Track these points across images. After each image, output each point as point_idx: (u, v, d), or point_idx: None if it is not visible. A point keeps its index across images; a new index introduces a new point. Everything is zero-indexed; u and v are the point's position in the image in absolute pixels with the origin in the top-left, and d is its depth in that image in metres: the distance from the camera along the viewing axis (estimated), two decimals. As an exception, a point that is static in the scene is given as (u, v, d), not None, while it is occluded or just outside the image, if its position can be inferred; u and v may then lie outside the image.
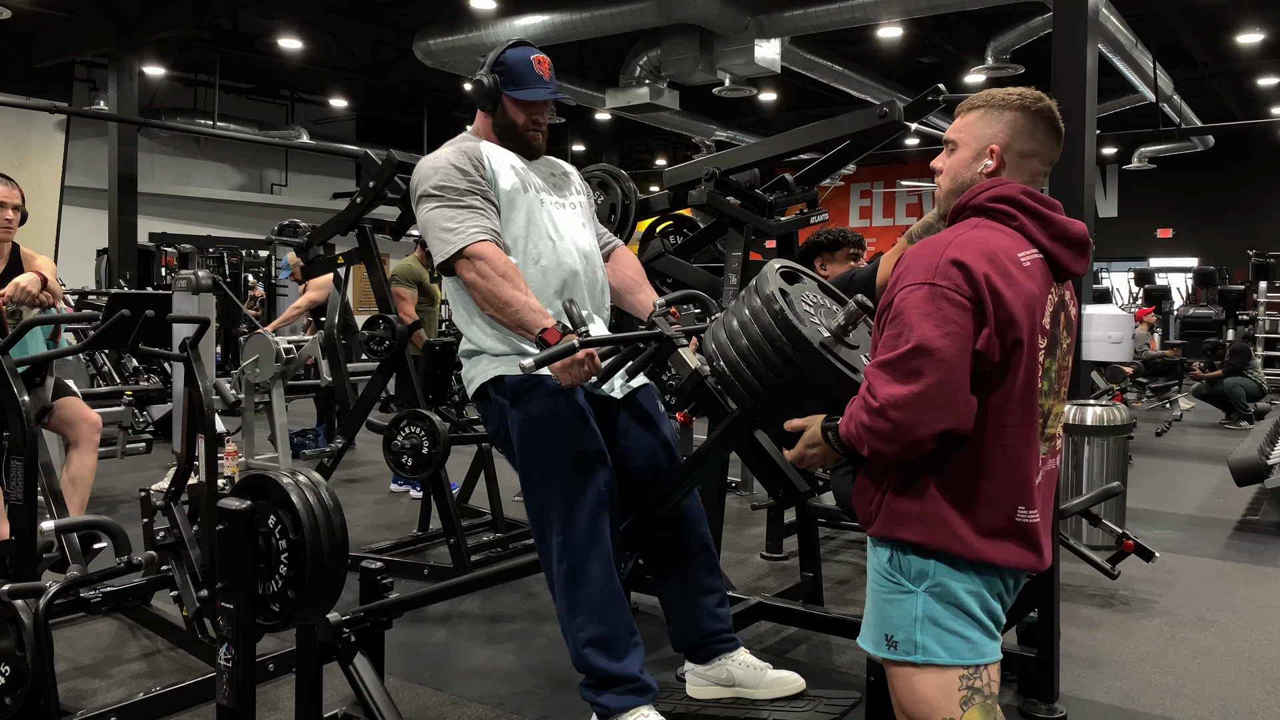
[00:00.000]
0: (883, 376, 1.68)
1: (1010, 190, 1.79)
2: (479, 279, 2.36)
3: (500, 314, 2.36)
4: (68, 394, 4.01)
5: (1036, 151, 1.85)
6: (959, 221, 1.83)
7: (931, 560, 1.74)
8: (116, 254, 12.23)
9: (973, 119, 1.87)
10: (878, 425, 1.68)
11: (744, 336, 1.98)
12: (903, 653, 1.75)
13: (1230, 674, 3.44)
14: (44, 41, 12.83)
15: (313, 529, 2.17)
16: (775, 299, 1.93)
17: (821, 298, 2.15)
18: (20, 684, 2.42)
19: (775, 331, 1.91)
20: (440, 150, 2.57)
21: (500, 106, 2.61)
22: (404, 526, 5.41)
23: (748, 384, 1.98)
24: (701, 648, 2.64)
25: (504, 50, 2.62)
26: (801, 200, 4.01)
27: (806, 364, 1.88)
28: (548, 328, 2.27)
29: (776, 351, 1.91)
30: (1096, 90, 7.39)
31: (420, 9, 12.14)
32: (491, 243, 2.41)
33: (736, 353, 1.99)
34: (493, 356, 2.53)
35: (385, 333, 4.64)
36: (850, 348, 1.97)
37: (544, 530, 2.43)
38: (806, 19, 10.13)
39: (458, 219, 2.42)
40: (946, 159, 1.91)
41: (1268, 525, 5.82)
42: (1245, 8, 11.59)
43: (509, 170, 2.56)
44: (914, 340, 1.65)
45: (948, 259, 1.68)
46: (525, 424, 2.45)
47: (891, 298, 1.73)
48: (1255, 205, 18.52)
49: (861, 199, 23.17)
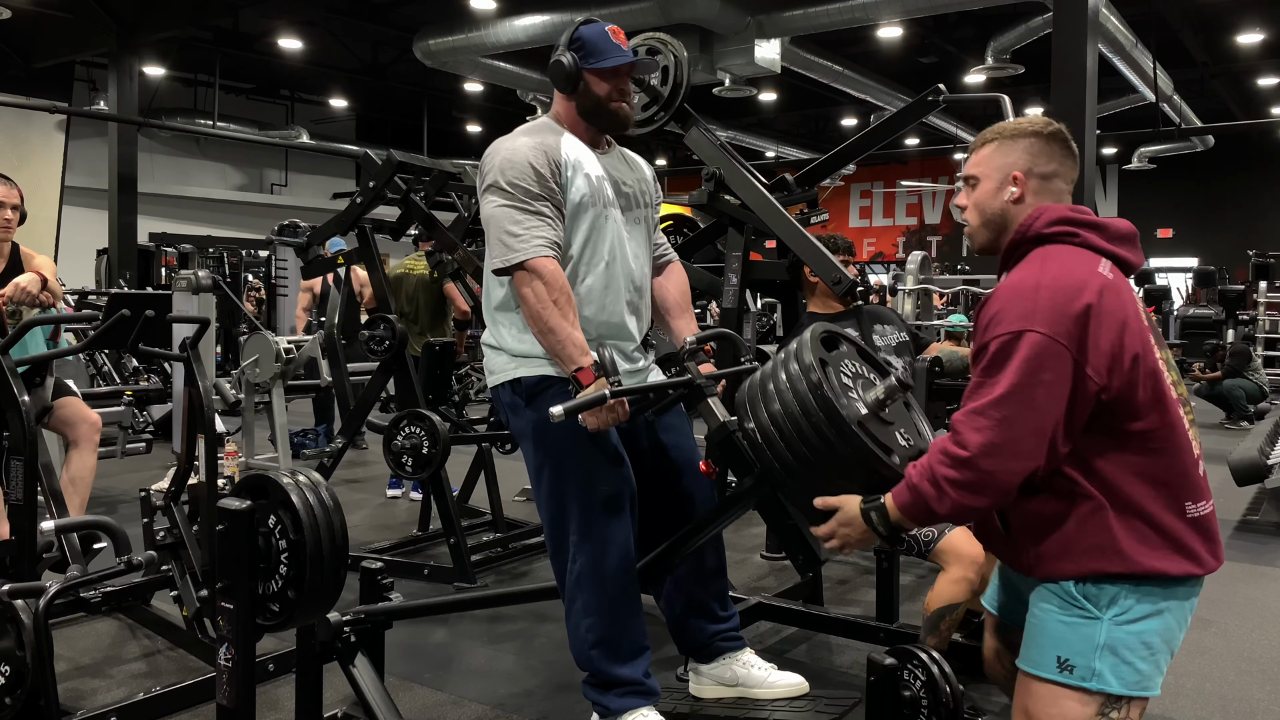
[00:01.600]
0: (973, 424, 1.69)
1: (1060, 211, 1.83)
2: (532, 296, 2.32)
3: (542, 336, 2.34)
4: (68, 394, 4.00)
5: (1057, 172, 1.90)
6: (1021, 256, 1.85)
7: (1123, 586, 1.73)
8: (116, 254, 12.23)
9: (988, 152, 1.92)
10: (967, 476, 1.69)
11: (778, 401, 1.94)
12: (1078, 678, 1.74)
13: (1230, 674, 3.44)
14: (44, 41, 12.83)
15: (313, 529, 2.17)
16: (814, 369, 1.90)
17: (861, 366, 2.10)
18: (20, 684, 2.42)
19: (811, 405, 1.88)
20: (520, 139, 2.46)
21: (582, 84, 2.50)
22: (404, 526, 5.40)
23: (777, 451, 1.94)
24: (707, 647, 2.64)
25: (576, 28, 2.53)
26: (801, 200, 4.01)
27: (841, 443, 1.86)
28: (583, 367, 2.27)
29: (811, 426, 1.88)
30: (1096, 90, 7.39)
31: (420, 9, 12.14)
32: (553, 259, 2.35)
33: (769, 416, 1.95)
34: (511, 355, 2.51)
35: (385, 333, 4.64)
36: (885, 424, 1.95)
37: (559, 527, 2.42)
38: (806, 19, 10.13)
39: (525, 224, 2.35)
40: (969, 195, 1.95)
41: (1268, 525, 5.82)
42: (1245, 8, 11.59)
43: (584, 178, 2.47)
44: (1005, 387, 1.67)
45: (1049, 301, 1.69)
46: (541, 424, 2.43)
47: (985, 342, 1.73)
48: (1255, 205, 18.53)
49: (861, 199, 23.17)
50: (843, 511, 1.87)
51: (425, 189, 4.74)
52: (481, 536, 4.95)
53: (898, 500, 1.80)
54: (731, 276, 3.79)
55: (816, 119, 18.89)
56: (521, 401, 2.48)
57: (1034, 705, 1.80)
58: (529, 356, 2.47)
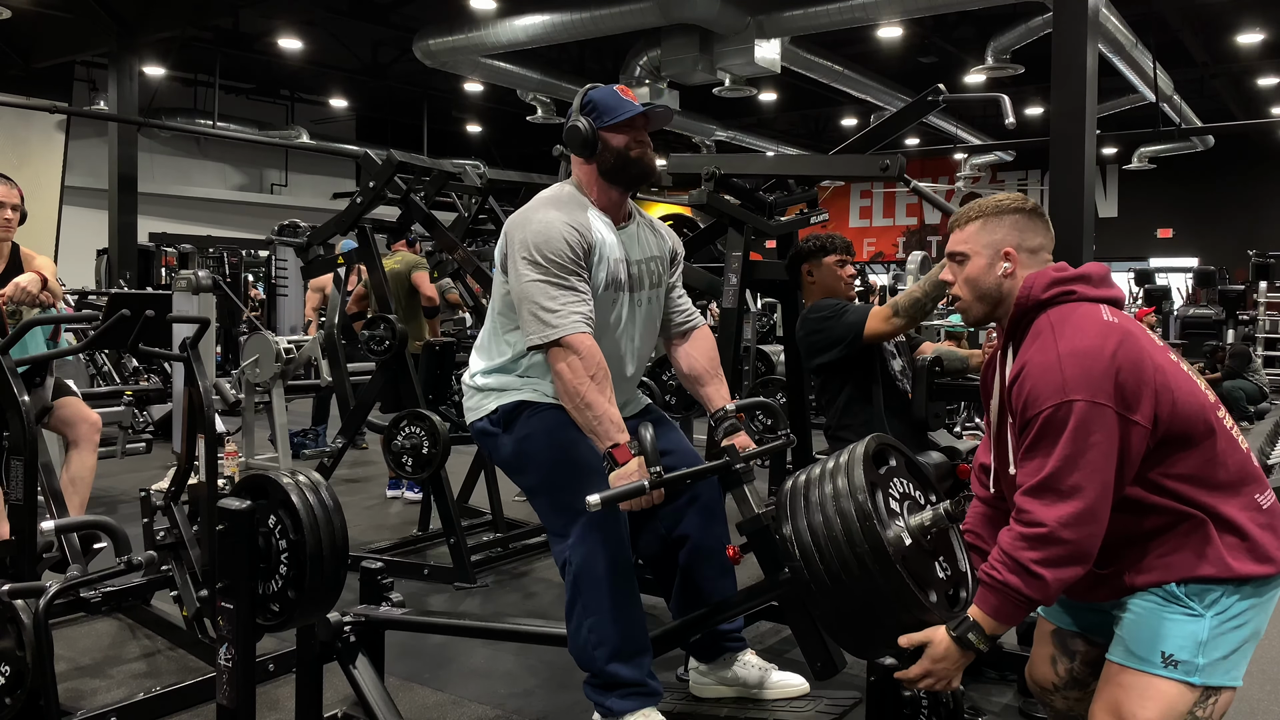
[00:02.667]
0: (1041, 500, 1.75)
1: (1048, 274, 1.93)
2: (568, 372, 2.32)
3: (578, 412, 2.33)
4: (67, 394, 4.00)
5: (1043, 245, 2.00)
6: (1029, 325, 1.92)
7: (1225, 587, 1.80)
8: (116, 254, 12.22)
9: (973, 230, 2.01)
10: (1055, 552, 1.73)
11: (821, 515, 1.90)
12: (1182, 673, 1.79)
13: (1230, 674, 3.44)
14: (44, 41, 12.82)
15: (313, 529, 2.17)
16: (863, 491, 1.87)
17: (909, 485, 2.05)
18: (20, 684, 2.42)
19: (857, 533, 1.84)
20: (551, 213, 2.45)
21: (600, 144, 2.50)
22: (404, 526, 5.40)
23: (813, 568, 1.90)
24: (709, 647, 2.64)
25: (585, 94, 2.55)
26: (801, 200, 4.02)
27: (881, 577, 1.83)
28: (619, 444, 2.27)
29: (854, 555, 1.84)
30: (1096, 90, 7.38)
31: (420, 9, 12.14)
32: (589, 335, 2.35)
33: (809, 528, 1.91)
34: (485, 391, 2.55)
35: (385, 333, 4.64)
36: (926, 555, 1.92)
37: (559, 534, 2.44)
38: (806, 19, 10.13)
39: (560, 300, 2.35)
40: (958, 271, 2.02)
41: (1268, 525, 5.82)
42: (1245, 8, 11.59)
43: (605, 261, 2.48)
44: (1061, 458, 1.74)
45: (1076, 369, 1.77)
46: (521, 444, 2.48)
47: (1028, 420, 1.80)
48: (1255, 205, 18.52)
49: (861, 199, 23.17)
50: (932, 647, 1.84)
51: (425, 189, 4.74)
52: (481, 536, 4.95)
53: (987, 608, 1.80)
54: (731, 276, 3.79)
55: (816, 119, 18.89)
56: (499, 429, 2.51)
57: (1128, 698, 1.83)
58: (502, 389, 2.52)
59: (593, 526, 2.35)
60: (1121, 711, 1.83)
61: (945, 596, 1.93)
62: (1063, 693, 2.13)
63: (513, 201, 5.08)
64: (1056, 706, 2.16)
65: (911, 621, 1.87)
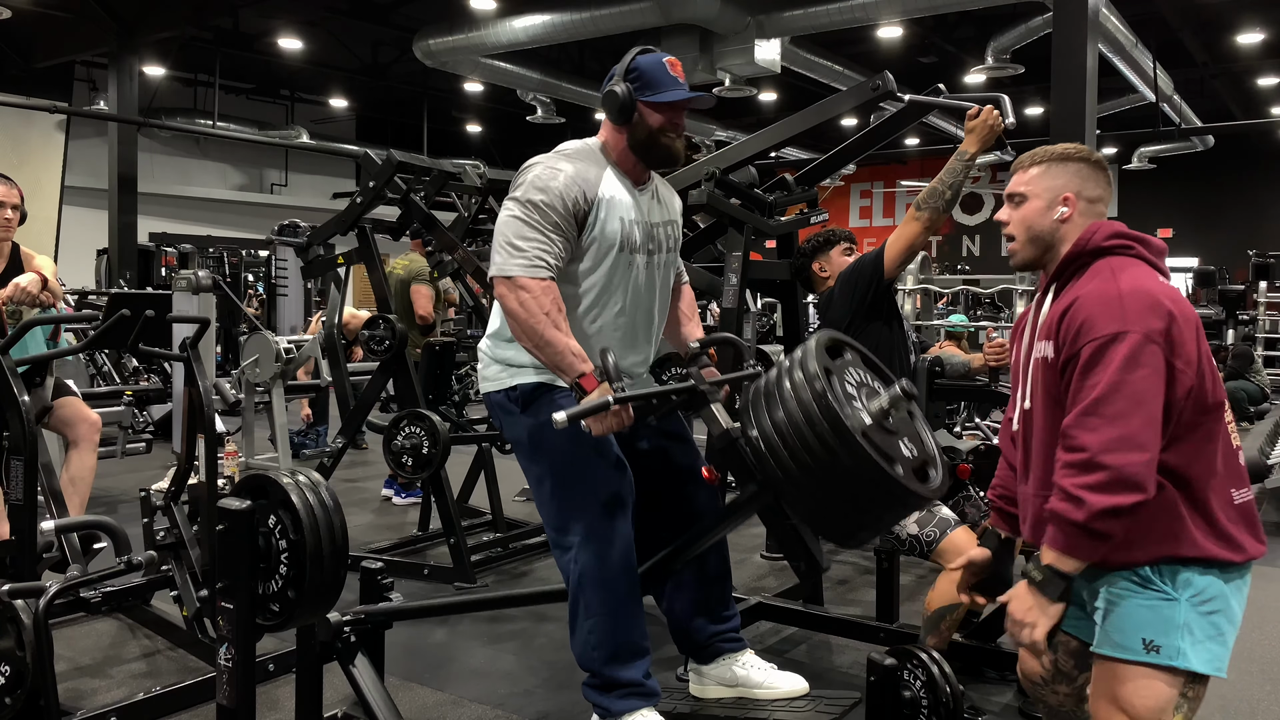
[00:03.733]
0: (1084, 426, 1.76)
1: (1115, 226, 1.94)
2: (522, 310, 2.29)
3: (538, 350, 2.31)
4: (67, 394, 4.00)
5: (1102, 198, 2.01)
6: (1081, 269, 1.93)
7: (1194, 570, 1.82)
8: (116, 254, 12.23)
9: (1037, 173, 2.02)
10: (1097, 477, 1.73)
11: (782, 410, 1.94)
12: (1165, 657, 1.81)
13: (1230, 674, 3.41)
14: (44, 41, 12.82)
15: (313, 529, 2.17)
16: (818, 377, 1.90)
17: (865, 375, 2.08)
18: (20, 684, 2.42)
19: (815, 414, 1.88)
20: (561, 163, 2.42)
21: (637, 116, 2.45)
22: (404, 526, 5.41)
23: (780, 460, 1.93)
24: (707, 647, 2.64)
25: (634, 57, 2.48)
26: (801, 200, 4.02)
27: (844, 452, 1.86)
28: (585, 373, 2.25)
29: (815, 435, 1.87)
30: (1096, 90, 7.38)
31: (420, 9, 12.14)
32: (549, 281, 2.32)
33: (772, 424, 1.95)
34: (506, 365, 2.52)
35: (385, 333, 4.63)
36: (889, 434, 1.94)
37: (561, 531, 2.43)
38: (806, 19, 10.13)
39: (529, 241, 2.33)
40: (1013, 211, 2.04)
41: (1268, 525, 5.82)
42: (1245, 8, 11.58)
43: (617, 220, 2.44)
44: (1106, 385, 1.75)
45: (1136, 305, 1.79)
46: (536, 430, 2.44)
47: (1077, 350, 1.81)
48: (1255, 205, 18.52)
49: (861, 199, 23.17)
50: (1016, 602, 1.85)
51: (425, 189, 4.74)
52: (481, 536, 4.95)
53: (1049, 543, 1.80)
54: (731, 276, 3.79)
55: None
56: (517, 409, 2.48)
57: (1121, 689, 1.85)
58: (524, 366, 2.48)
59: (599, 527, 2.35)
60: (1120, 703, 1.85)
61: (913, 472, 1.95)
62: (1051, 686, 2.14)
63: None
64: (1050, 702, 2.17)
65: (886, 499, 1.89)
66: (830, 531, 2.05)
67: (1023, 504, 2.05)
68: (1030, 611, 1.82)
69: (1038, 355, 1.95)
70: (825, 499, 1.92)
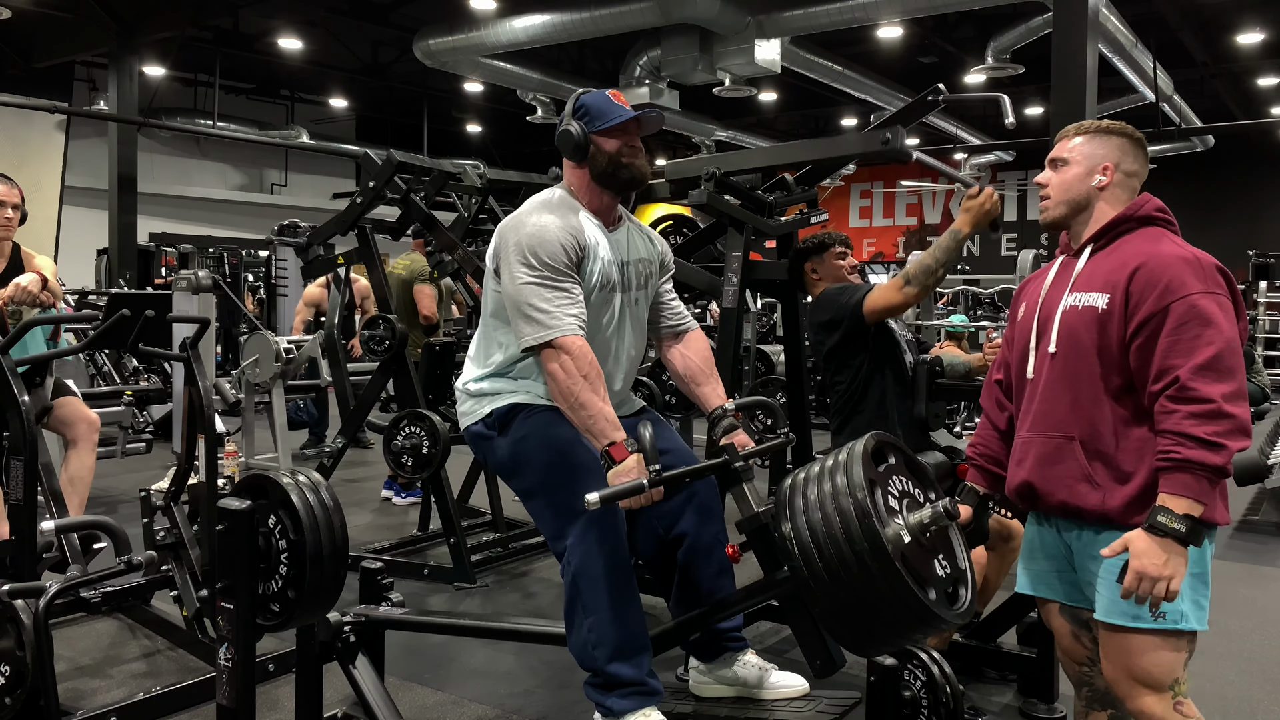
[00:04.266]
0: (1204, 379, 1.83)
1: (1159, 201, 2.08)
2: (561, 373, 2.33)
3: (573, 413, 2.34)
4: (66, 394, 4.00)
5: (1137, 172, 2.12)
6: (1125, 233, 2.05)
7: None
8: (116, 254, 12.23)
9: (1080, 142, 2.13)
10: (1226, 425, 1.81)
11: (820, 513, 1.91)
12: (1170, 622, 1.90)
13: (1230, 674, 3.44)
14: (44, 41, 12.82)
15: (313, 529, 2.17)
16: (862, 489, 1.87)
17: (908, 483, 2.06)
18: (20, 684, 2.42)
19: (856, 530, 1.85)
20: (545, 216, 2.47)
21: (592, 149, 2.52)
22: (404, 526, 5.41)
23: (811, 565, 1.91)
24: (708, 646, 2.64)
25: (578, 98, 2.56)
26: (801, 200, 4.01)
27: (880, 575, 1.84)
28: (616, 442, 2.27)
29: (854, 553, 1.85)
30: (1096, 90, 7.39)
31: (420, 9, 12.14)
32: (582, 337, 2.36)
33: (808, 526, 1.92)
34: (478, 398, 2.56)
35: (385, 333, 4.63)
36: (926, 552, 1.93)
37: (557, 536, 2.43)
38: (806, 19, 10.13)
39: (554, 302, 2.36)
40: (1053, 174, 2.15)
41: (1268, 525, 5.82)
42: (1245, 8, 11.59)
43: (600, 262, 2.50)
44: (1221, 341, 1.85)
45: (1212, 267, 1.93)
46: (515, 446, 2.48)
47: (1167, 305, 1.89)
48: (1255, 205, 18.52)
49: (861, 199, 23.17)
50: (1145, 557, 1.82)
51: (425, 189, 4.74)
52: (481, 536, 4.95)
53: (1183, 490, 1.82)
54: (731, 276, 3.79)
55: (816, 119, 18.88)
56: (494, 432, 2.52)
57: (1135, 659, 1.94)
58: (496, 393, 2.52)
59: (591, 526, 2.35)
60: (1137, 675, 1.93)
61: (945, 594, 1.93)
62: (1099, 666, 2.13)
63: (512, 201, 5.07)
64: (1099, 686, 2.16)
65: (912, 621, 1.88)
66: (849, 640, 2.03)
67: (1020, 448, 2.13)
68: (1168, 563, 1.81)
69: (1079, 303, 2.02)
70: (850, 612, 1.90)
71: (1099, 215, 2.09)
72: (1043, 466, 2.05)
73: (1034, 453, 2.07)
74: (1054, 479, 2.03)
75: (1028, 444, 2.10)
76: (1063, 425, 2.02)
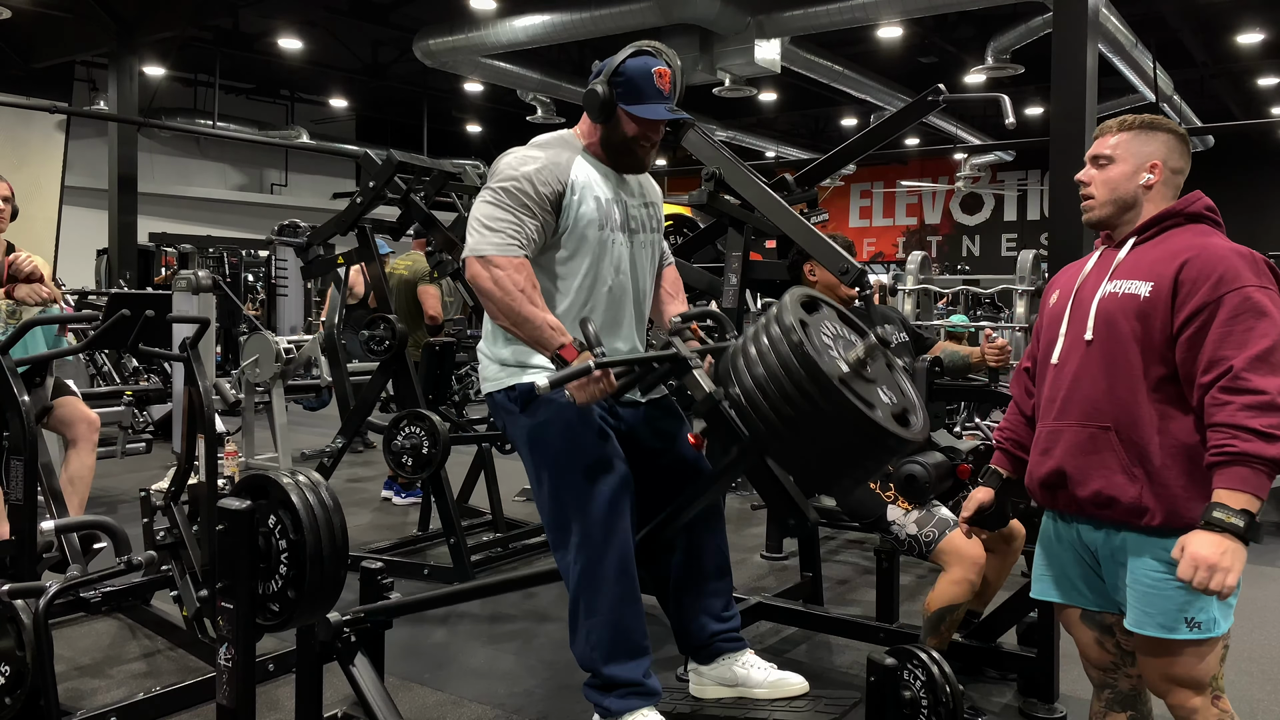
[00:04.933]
0: (1261, 371, 1.79)
1: (1209, 200, 2.04)
2: (496, 288, 2.30)
3: (517, 328, 2.32)
4: (66, 393, 4.00)
5: (1182, 170, 2.08)
6: (1172, 228, 2.01)
7: None
8: (116, 254, 12.23)
9: (1127, 138, 2.07)
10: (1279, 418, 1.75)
11: (761, 365, 1.95)
12: (1205, 631, 1.89)
13: (1230, 674, 3.42)
14: (44, 41, 12.82)
15: (313, 529, 2.16)
16: (794, 330, 1.92)
17: (841, 328, 2.12)
18: (20, 684, 2.42)
19: (794, 364, 1.90)
20: (533, 151, 2.46)
21: (614, 120, 2.45)
22: (404, 526, 5.41)
23: (763, 414, 1.95)
24: (707, 647, 2.63)
25: (623, 59, 2.43)
26: (801, 200, 4.01)
27: (824, 399, 1.87)
28: (565, 344, 2.25)
29: (794, 385, 1.89)
30: (1096, 90, 7.38)
31: (420, 9, 12.15)
32: (521, 259, 2.34)
33: (753, 380, 1.97)
34: (504, 364, 2.53)
35: (385, 333, 4.63)
36: (868, 381, 1.95)
37: (561, 531, 2.42)
38: (806, 19, 10.13)
39: (501, 222, 2.35)
40: (1097, 172, 2.09)
41: (1268, 525, 5.82)
42: (1245, 8, 11.59)
43: (593, 200, 2.46)
44: (1277, 334, 1.81)
45: (1264, 262, 1.90)
46: (535, 429, 2.45)
47: (1220, 296, 1.85)
48: (1255, 205, 18.51)
49: (861, 199, 23.17)
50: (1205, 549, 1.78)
51: (425, 189, 4.74)
52: (481, 536, 4.95)
53: (1241, 485, 1.77)
54: (731, 276, 3.79)
55: (816, 119, 18.90)
56: (517, 408, 2.49)
57: (1174, 666, 1.93)
58: (524, 366, 2.49)
59: (596, 527, 2.35)
60: (1179, 680, 1.93)
61: (894, 418, 1.96)
62: (1124, 670, 2.13)
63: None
64: (1123, 688, 2.15)
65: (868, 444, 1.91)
66: (817, 481, 2.09)
67: (1047, 437, 2.08)
68: (1226, 556, 1.78)
69: (1119, 291, 1.98)
70: (809, 448, 1.94)
71: (1145, 214, 2.04)
72: (1076, 456, 1.99)
73: (1065, 441, 2.02)
74: (1089, 468, 1.98)
75: (1056, 432, 2.05)
76: (1098, 414, 1.97)
